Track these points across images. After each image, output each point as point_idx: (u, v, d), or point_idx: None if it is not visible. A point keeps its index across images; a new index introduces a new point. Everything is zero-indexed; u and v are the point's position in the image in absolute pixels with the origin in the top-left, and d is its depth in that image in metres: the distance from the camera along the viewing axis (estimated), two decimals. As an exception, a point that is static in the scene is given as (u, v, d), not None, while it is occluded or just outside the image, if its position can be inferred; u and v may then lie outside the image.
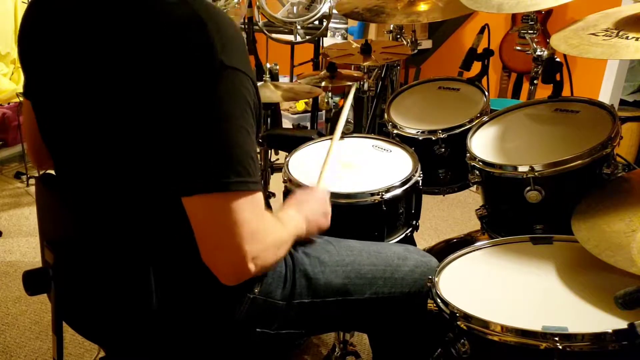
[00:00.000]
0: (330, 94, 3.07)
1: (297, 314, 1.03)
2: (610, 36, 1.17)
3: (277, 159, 2.48)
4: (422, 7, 1.99)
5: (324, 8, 2.53)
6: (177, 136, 0.80)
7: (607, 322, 0.92)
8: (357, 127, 2.73)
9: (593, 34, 1.21)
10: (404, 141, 1.58)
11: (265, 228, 0.87)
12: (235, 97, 0.81)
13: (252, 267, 0.84)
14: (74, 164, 0.98)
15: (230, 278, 0.86)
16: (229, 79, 0.80)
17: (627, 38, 1.15)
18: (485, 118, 1.54)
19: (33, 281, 1.02)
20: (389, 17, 2.00)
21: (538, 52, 1.71)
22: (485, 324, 0.93)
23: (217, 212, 0.81)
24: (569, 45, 1.21)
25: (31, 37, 0.95)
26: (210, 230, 0.82)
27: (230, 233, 0.81)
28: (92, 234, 0.97)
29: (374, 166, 1.48)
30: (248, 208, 0.82)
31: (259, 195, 0.84)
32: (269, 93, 1.88)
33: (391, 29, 2.49)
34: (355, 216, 1.32)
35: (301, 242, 1.08)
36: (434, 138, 1.57)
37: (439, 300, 1.03)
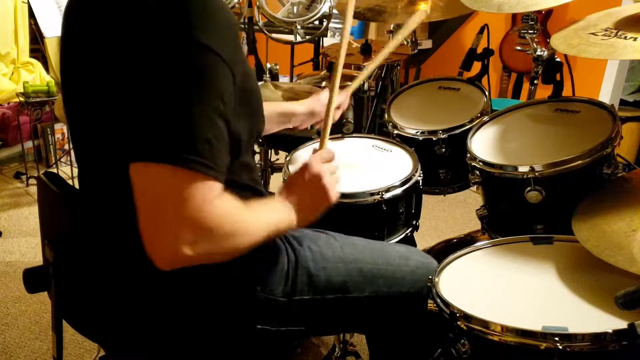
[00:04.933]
0: (330, 94, 3.08)
1: (297, 311, 1.03)
2: (609, 36, 1.17)
3: (277, 159, 2.48)
4: (423, 6, 1.99)
5: (324, 8, 2.53)
6: (142, 105, 0.79)
7: (607, 322, 0.92)
8: (357, 127, 2.73)
9: (592, 33, 1.21)
10: (404, 141, 1.58)
11: (216, 213, 0.80)
12: (204, 78, 0.79)
13: (188, 251, 0.78)
14: (80, 156, 0.99)
15: (162, 261, 0.79)
16: (200, 57, 0.78)
17: (625, 38, 1.15)
18: (485, 118, 1.54)
19: (33, 279, 1.02)
20: (390, 17, 2.00)
21: (538, 52, 1.70)
22: (485, 324, 0.93)
23: (162, 184, 0.77)
24: (568, 45, 1.22)
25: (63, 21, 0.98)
26: (150, 204, 0.78)
27: (170, 210, 0.77)
28: (93, 230, 0.97)
29: (374, 166, 1.47)
30: (195, 189, 0.77)
31: (212, 183, 0.80)
32: (268, 93, 1.88)
33: (391, 28, 2.49)
34: (355, 216, 1.32)
35: (306, 237, 1.07)
36: (434, 138, 1.57)
37: (439, 301, 1.03)
